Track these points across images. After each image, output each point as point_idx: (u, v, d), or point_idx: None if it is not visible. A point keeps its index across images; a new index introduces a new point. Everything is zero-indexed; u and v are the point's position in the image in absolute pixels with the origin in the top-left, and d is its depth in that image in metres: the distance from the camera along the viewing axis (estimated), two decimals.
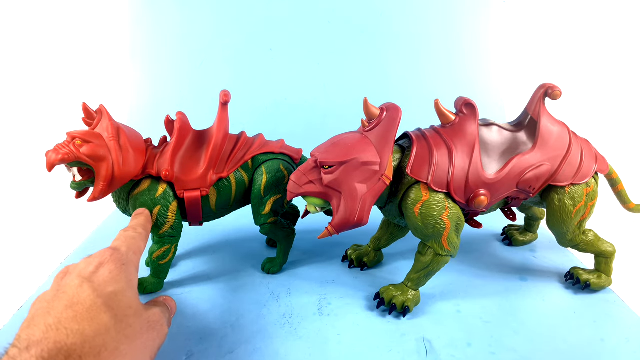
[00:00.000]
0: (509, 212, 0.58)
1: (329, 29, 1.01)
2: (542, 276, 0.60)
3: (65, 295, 0.33)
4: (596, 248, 0.55)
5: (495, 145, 0.51)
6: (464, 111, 0.50)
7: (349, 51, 1.02)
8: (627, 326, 0.50)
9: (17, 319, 0.51)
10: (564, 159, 0.51)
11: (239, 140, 0.56)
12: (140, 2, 1.01)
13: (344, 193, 0.47)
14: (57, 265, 0.63)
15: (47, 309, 0.32)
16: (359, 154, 0.46)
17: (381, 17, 1.00)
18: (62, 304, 0.32)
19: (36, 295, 0.55)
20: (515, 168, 0.50)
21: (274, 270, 0.60)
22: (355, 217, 0.47)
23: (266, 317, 0.51)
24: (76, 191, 0.51)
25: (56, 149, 0.47)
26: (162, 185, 0.52)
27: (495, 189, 0.50)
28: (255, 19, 1.00)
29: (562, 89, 0.50)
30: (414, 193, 0.49)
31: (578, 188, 0.51)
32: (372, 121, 0.49)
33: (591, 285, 0.55)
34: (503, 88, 1.05)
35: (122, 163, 0.49)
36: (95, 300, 0.32)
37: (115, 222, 0.78)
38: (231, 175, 0.55)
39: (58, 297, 0.33)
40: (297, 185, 0.48)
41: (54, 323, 0.30)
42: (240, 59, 1.02)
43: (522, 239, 0.68)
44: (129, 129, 0.52)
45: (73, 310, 0.31)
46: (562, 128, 0.52)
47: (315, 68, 1.03)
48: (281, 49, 1.02)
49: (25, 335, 0.30)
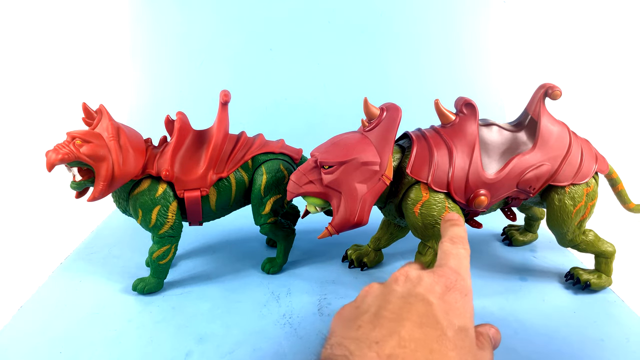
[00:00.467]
0: (509, 212, 0.58)
1: (329, 29, 1.00)
2: (542, 276, 0.60)
3: (413, 309, 0.28)
4: (596, 248, 0.55)
5: (495, 145, 0.51)
6: (464, 111, 0.50)
7: (349, 51, 1.02)
8: (627, 326, 0.50)
9: (17, 319, 0.51)
10: (564, 159, 0.51)
11: (239, 140, 0.56)
12: (140, 2, 1.01)
13: (344, 193, 0.47)
14: (57, 265, 0.63)
15: (398, 319, 0.27)
16: (359, 154, 0.46)
17: (381, 17, 1.00)
18: (412, 319, 0.27)
19: (36, 295, 0.55)
20: (515, 168, 0.50)
21: (274, 270, 0.60)
22: (355, 217, 0.47)
23: (266, 317, 0.51)
24: (76, 191, 0.51)
25: (56, 149, 0.47)
26: (162, 185, 0.52)
27: (495, 189, 0.50)
28: (255, 19, 1.00)
29: (562, 89, 0.50)
30: (414, 193, 0.49)
31: (578, 188, 0.51)
32: (372, 121, 0.49)
33: (591, 285, 0.55)
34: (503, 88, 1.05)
35: (122, 163, 0.49)
36: (444, 332, 0.27)
37: (115, 222, 0.78)
38: (231, 175, 0.55)
39: (407, 309, 0.28)
40: (297, 185, 0.48)
41: (406, 340, 0.26)
42: (240, 59, 1.02)
43: (522, 239, 0.68)
44: (129, 129, 0.52)
45: (423, 333, 0.27)
46: (562, 128, 0.52)
47: (315, 68, 1.02)
48: (281, 49, 1.02)
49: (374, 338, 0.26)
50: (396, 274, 0.33)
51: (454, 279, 0.32)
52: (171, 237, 0.54)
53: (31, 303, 0.54)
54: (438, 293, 0.30)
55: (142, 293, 0.55)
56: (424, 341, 0.26)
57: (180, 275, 0.60)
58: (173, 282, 0.59)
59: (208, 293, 0.56)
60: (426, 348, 0.25)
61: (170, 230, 0.54)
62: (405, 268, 0.34)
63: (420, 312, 0.28)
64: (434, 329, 0.27)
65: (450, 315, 0.29)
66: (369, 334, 0.26)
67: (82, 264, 0.63)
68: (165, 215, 0.53)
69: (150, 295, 0.56)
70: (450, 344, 0.27)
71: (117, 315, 0.52)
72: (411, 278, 0.32)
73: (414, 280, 0.32)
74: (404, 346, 0.25)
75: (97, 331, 0.49)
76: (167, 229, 0.53)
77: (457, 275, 0.33)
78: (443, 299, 0.30)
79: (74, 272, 0.61)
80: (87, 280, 0.59)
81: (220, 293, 0.56)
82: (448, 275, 0.32)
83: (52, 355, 0.45)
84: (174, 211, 0.53)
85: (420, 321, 0.27)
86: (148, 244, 0.66)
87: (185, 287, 0.57)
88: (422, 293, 0.30)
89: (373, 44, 1.01)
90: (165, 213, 0.53)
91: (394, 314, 0.28)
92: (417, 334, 0.26)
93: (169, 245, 0.54)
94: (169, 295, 0.56)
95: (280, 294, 0.56)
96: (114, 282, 0.59)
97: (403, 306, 0.29)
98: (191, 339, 0.47)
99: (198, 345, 0.46)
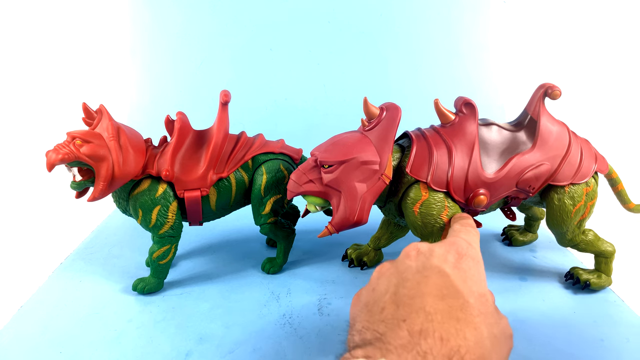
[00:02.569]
0: (509, 211, 0.58)
1: (329, 29, 1.00)
2: (542, 276, 0.60)
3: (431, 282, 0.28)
4: (596, 248, 0.55)
5: (494, 144, 0.51)
6: (464, 111, 0.50)
7: (349, 51, 1.02)
8: (627, 326, 0.50)
9: (17, 319, 0.51)
10: (563, 159, 0.51)
11: (239, 140, 0.56)
12: (140, 2, 1.01)
13: (344, 192, 0.47)
14: (57, 265, 0.63)
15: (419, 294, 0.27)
16: (358, 153, 0.47)
17: (381, 18, 1.00)
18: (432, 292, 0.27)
19: (36, 295, 0.55)
20: (514, 167, 0.50)
21: (274, 270, 0.60)
22: (355, 216, 0.47)
23: (266, 317, 0.51)
24: (76, 191, 0.51)
25: (56, 149, 0.47)
26: (162, 185, 0.52)
27: (494, 188, 0.50)
28: (256, 19, 1.00)
29: (561, 89, 0.50)
30: (414, 192, 0.49)
31: (578, 188, 0.51)
32: (372, 121, 0.49)
33: (591, 285, 0.55)
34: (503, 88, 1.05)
35: (122, 163, 0.49)
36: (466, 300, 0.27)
37: (115, 222, 0.78)
38: (231, 175, 0.55)
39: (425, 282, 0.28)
40: (297, 185, 0.48)
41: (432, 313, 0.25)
42: (241, 59, 1.02)
43: (522, 239, 0.68)
44: (129, 129, 0.52)
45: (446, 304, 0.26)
46: (562, 128, 0.52)
47: (315, 68, 1.02)
48: (281, 49, 1.02)
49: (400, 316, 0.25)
50: (407, 250, 0.33)
51: (465, 246, 0.32)
52: (171, 237, 0.54)
53: (31, 303, 0.54)
54: (452, 262, 0.30)
55: (142, 293, 0.55)
56: (449, 312, 0.26)
57: (180, 275, 0.60)
58: (173, 282, 0.59)
59: (208, 293, 0.56)
60: (453, 318, 0.25)
61: (170, 230, 0.54)
62: (414, 243, 0.34)
63: (439, 284, 0.28)
64: (456, 298, 0.27)
65: (468, 283, 0.29)
66: (395, 314, 0.26)
67: (82, 264, 0.63)
68: (165, 215, 0.53)
69: (150, 295, 0.56)
70: (474, 311, 0.27)
71: (117, 315, 0.52)
72: (423, 251, 0.32)
73: (426, 252, 0.32)
74: (432, 320, 0.25)
75: (97, 331, 0.49)
76: (167, 229, 0.53)
77: (468, 243, 0.33)
78: (458, 268, 0.30)
79: (74, 272, 0.61)
80: (87, 280, 0.59)
81: (220, 293, 0.56)
82: (459, 243, 0.33)
83: (52, 355, 0.45)
84: (174, 211, 0.53)
85: (441, 293, 0.27)
86: (148, 244, 0.66)
87: (185, 287, 0.57)
88: (436, 265, 0.30)
89: (373, 44, 1.01)
90: (165, 213, 0.53)
91: (414, 290, 0.28)
92: (441, 306, 0.26)
93: (169, 245, 0.54)
94: (169, 295, 0.56)
95: (280, 294, 0.56)
96: (114, 282, 0.59)
97: (421, 280, 0.28)
98: (191, 339, 0.47)
99: (198, 345, 0.46)
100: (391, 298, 0.28)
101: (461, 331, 0.25)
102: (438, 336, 0.24)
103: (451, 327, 0.25)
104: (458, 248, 0.32)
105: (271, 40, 1.01)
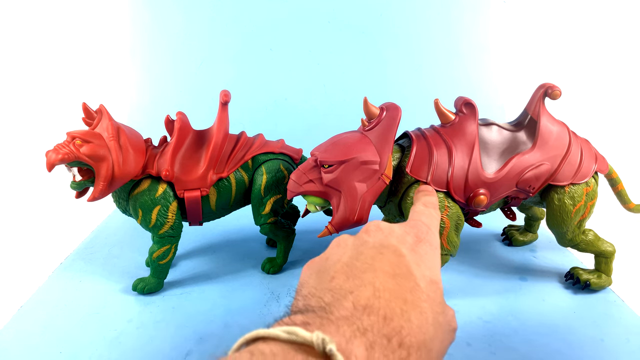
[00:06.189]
0: (509, 211, 0.58)
1: (329, 29, 1.00)
2: (542, 276, 0.60)
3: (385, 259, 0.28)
4: (596, 248, 0.55)
5: (494, 144, 0.51)
6: (464, 111, 0.50)
7: (349, 51, 1.02)
8: (627, 326, 0.50)
9: (17, 319, 0.51)
10: (563, 159, 0.51)
11: (239, 140, 0.56)
12: (140, 2, 1.01)
13: (344, 192, 0.47)
14: (57, 265, 0.63)
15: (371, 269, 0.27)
16: (358, 153, 0.47)
17: (381, 18, 1.00)
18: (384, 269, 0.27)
19: (36, 295, 0.55)
20: (514, 167, 0.50)
21: (274, 270, 0.60)
22: (355, 216, 0.47)
23: (266, 317, 0.51)
24: (76, 191, 0.51)
25: (56, 149, 0.47)
26: (162, 185, 0.52)
27: (494, 188, 0.50)
28: (255, 18, 1.00)
29: (562, 89, 0.50)
30: (414, 192, 0.49)
31: (578, 188, 0.51)
32: (372, 120, 0.49)
33: (591, 285, 0.55)
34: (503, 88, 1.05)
35: (122, 163, 0.49)
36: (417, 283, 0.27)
37: (115, 222, 0.78)
38: (231, 175, 0.55)
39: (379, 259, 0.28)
40: (297, 184, 0.48)
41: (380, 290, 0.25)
42: (241, 59, 1.02)
43: (522, 239, 0.68)
44: (129, 129, 0.52)
45: (396, 284, 0.26)
46: (562, 128, 0.52)
47: (315, 68, 1.02)
48: (281, 49, 1.02)
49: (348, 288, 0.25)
50: (367, 225, 0.33)
51: (425, 230, 0.32)
52: (171, 237, 0.54)
53: (31, 303, 0.54)
54: (409, 244, 0.30)
55: (142, 293, 0.55)
56: (398, 291, 0.25)
57: (180, 275, 0.60)
58: (173, 282, 0.59)
59: (208, 293, 0.56)
60: (400, 298, 0.25)
61: (170, 230, 0.54)
62: (375, 220, 0.33)
63: (393, 262, 0.28)
64: (407, 279, 0.27)
65: (421, 267, 0.28)
66: (343, 285, 0.26)
67: (82, 264, 0.63)
68: (165, 215, 0.53)
69: (150, 295, 0.56)
70: (423, 295, 0.26)
71: (117, 315, 0.52)
72: (382, 228, 0.32)
73: (385, 230, 0.32)
74: (379, 296, 0.24)
75: (97, 331, 0.49)
76: (167, 229, 0.53)
77: (428, 228, 0.33)
78: (414, 250, 0.30)
79: (74, 272, 0.61)
80: (87, 280, 0.59)
81: (220, 293, 0.56)
82: (419, 226, 0.32)
83: (52, 355, 0.45)
84: (174, 211, 0.53)
85: (393, 272, 0.27)
86: (148, 244, 0.66)
87: (185, 287, 0.57)
88: (393, 244, 0.29)
89: (373, 44, 1.01)
90: (165, 213, 0.53)
91: (367, 264, 0.27)
92: (391, 284, 0.26)
93: (169, 245, 0.54)
94: (169, 295, 0.56)
95: (280, 294, 0.56)
96: (114, 282, 0.59)
97: (375, 256, 0.28)
98: (191, 339, 0.47)
99: (198, 345, 0.46)
100: (342, 268, 0.28)
101: (406, 313, 0.24)
102: (382, 314, 0.23)
103: (397, 306, 0.24)
104: (418, 232, 0.32)
105: (271, 40, 1.01)
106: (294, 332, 0.21)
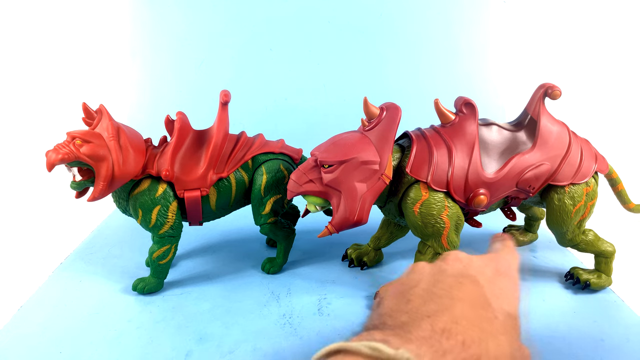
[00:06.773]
0: (509, 211, 0.58)
1: (329, 29, 1.00)
2: (542, 276, 0.60)
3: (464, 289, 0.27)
4: (596, 248, 0.55)
5: (494, 144, 0.51)
6: (464, 111, 0.50)
7: (349, 51, 1.02)
8: (627, 326, 0.50)
9: (17, 319, 0.51)
10: (563, 159, 0.51)
11: (239, 140, 0.56)
12: (140, 2, 1.01)
13: (344, 192, 0.47)
14: (57, 265, 0.63)
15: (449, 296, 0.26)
16: (358, 153, 0.47)
17: (381, 18, 1.00)
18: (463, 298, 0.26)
19: (36, 295, 0.55)
20: (514, 167, 0.50)
21: (274, 270, 0.60)
22: (355, 216, 0.47)
23: (266, 317, 0.51)
24: (76, 191, 0.51)
25: (56, 149, 0.47)
26: (162, 185, 0.52)
27: (494, 188, 0.50)
28: (256, 19, 1.00)
29: (562, 89, 0.50)
30: (414, 192, 0.49)
31: (578, 188, 0.51)
32: (372, 121, 0.49)
33: (591, 285, 0.55)
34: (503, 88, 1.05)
35: (122, 163, 0.49)
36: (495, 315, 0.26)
37: (115, 222, 0.78)
38: (231, 175, 0.55)
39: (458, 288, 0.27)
40: (297, 184, 0.48)
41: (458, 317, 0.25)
42: (240, 59, 1.02)
43: (522, 239, 0.68)
44: (129, 129, 0.52)
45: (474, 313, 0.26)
46: (562, 128, 0.52)
47: (315, 68, 1.02)
48: (281, 49, 1.02)
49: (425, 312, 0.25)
50: (445, 254, 0.33)
51: (506, 265, 0.32)
52: (171, 237, 0.54)
53: (31, 303, 0.54)
54: (488, 276, 0.30)
55: (142, 293, 0.55)
56: (476, 320, 0.25)
57: (180, 275, 0.60)
58: (173, 282, 0.59)
59: (208, 293, 0.56)
60: (477, 327, 0.25)
61: (170, 230, 0.54)
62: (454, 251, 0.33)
63: (472, 292, 0.27)
64: (486, 310, 0.26)
65: (500, 300, 0.28)
66: (420, 308, 0.26)
67: (82, 264, 0.63)
68: (165, 215, 0.53)
69: (150, 295, 0.56)
70: (501, 328, 0.26)
71: (117, 315, 0.52)
72: (461, 258, 0.31)
73: (464, 260, 0.31)
74: (457, 322, 0.24)
75: (97, 331, 0.49)
76: (167, 229, 0.53)
77: (509, 264, 0.32)
78: (493, 282, 0.29)
79: (74, 272, 0.61)
80: (87, 280, 0.59)
81: (220, 293, 0.56)
82: (499, 260, 0.32)
83: (52, 355, 0.45)
84: (174, 211, 0.53)
85: (471, 301, 0.26)
86: (148, 244, 0.65)
87: (185, 287, 0.57)
88: (472, 274, 0.29)
89: (373, 44, 1.01)
90: (165, 213, 0.53)
91: (445, 292, 0.27)
92: (469, 312, 0.25)
93: (169, 245, 0.54)
94: (169, 295, 0.56)
95: (280, 294, 0.56)
96: (114, 282, 0.59)
97: (453, 285, 0.28)
98: (191, 339, 0.47)
99: (198, 345, 0.46)
100: (419, 293, 0.27)
101: (484, 342, 0.24)
102: (461, 340, 0.23)
103: (475, 334, 0.24)
104: (497, 265, 0.32)
105: (271, 40, 1.01)
106: (377, 348, 0.21)
